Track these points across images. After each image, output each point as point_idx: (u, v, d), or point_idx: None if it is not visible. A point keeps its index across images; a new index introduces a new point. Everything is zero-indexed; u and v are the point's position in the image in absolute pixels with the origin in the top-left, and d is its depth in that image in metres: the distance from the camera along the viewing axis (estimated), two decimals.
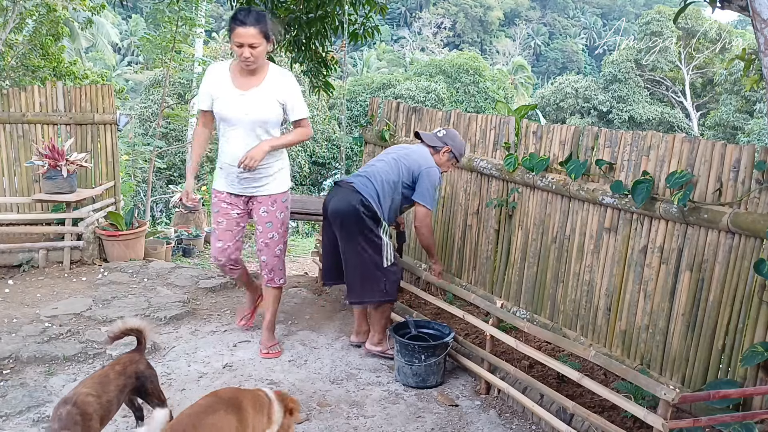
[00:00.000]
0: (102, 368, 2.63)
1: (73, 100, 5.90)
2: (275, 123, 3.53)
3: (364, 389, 3.48)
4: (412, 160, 3.78)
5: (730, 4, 2.72)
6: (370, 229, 3.60)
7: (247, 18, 3.28)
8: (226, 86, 3.48)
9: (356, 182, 3.67)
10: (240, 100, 3.45)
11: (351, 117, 22.00)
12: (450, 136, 3.91)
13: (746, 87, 3.78)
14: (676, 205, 2.91)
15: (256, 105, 3.45)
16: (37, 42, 8.37)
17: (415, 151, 3.87)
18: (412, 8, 59.19)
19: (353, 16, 5.54)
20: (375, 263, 3.64)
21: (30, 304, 4.53)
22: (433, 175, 3.74)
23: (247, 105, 3.45)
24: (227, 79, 3.49)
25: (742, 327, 2.76)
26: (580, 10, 65.10)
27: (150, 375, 2.72)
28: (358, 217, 3.57)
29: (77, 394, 2.36)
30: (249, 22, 3.27)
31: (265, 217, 3.69)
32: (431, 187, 3.73)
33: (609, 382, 3.18)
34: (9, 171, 5.91)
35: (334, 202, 3.68)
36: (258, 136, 3.51)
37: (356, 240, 3.62)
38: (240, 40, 3.28)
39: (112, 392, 2.49)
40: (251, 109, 3.45)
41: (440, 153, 3.87)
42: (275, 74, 3.52)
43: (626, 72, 29.25)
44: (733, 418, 2.45)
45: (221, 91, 3.48)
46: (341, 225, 3.64)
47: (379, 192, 3.66)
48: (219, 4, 28.13)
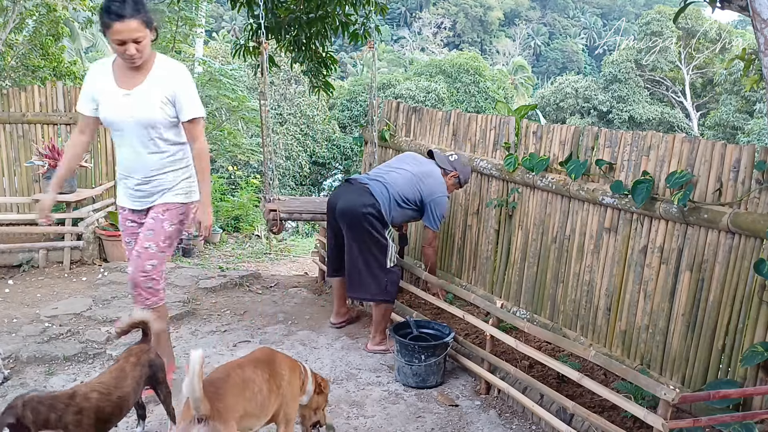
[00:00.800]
0: (116, 362, 2.67)
1: (73, 100, 5.90)
2: (168, 124, 3.02)
3: (364, 389, 3.48)
4: (429, 185, 3.93)
5: (730, 4, 2.72)
6: (378, 231, 3.74)
7: (124, 9, 2.76)
8: (110, 86, 2.99)
9: (372, 186, 3.81)
10: (124, 102, 2.96)
11: (351, 117, 21.98)
12: (460, 163, 4.09)
13: (746, 87, 3.77)
14: (676, 205, 2.91)
15: (141, 105, 2.96)
16: (37, 42, 8.36)
17: (431, 174, 3.99)
18: (412, 8, 59.20)
19: (353, 16, 5.54)
20: (379, 263, 3.77)
21: (30, 304, 4.53)
22: (443, 204, 3.97)
23: (132, 106, 2.96)
24: (110, 79, 2.99)
25: (742, 327, 2.76)
26: (580, 10, 65.11)
27: (161, 364, 2.80)
28: (369, 219, 3.71)
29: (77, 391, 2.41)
30: (127, 13, 2.76)
31: (150, 224, 3.10)
32: (441, 214, 3.98)
33: (609, 382, 3.18)
34: (9, 171, 5.91)
35: (345, 200, 3.79)
36: (151, 141, 3.02)
37: (363, 239, 3.75)
38: (121, 36, 2.78)
39: (128, 386, 2.54)
40: (136, 110, 2.96)
41: (448, 176, 4.05)
42: (162, 66, 3.00)
43: (626, 72, 29.24)
44: (733, 418, 2.45)
45: (104, 93, 2.99)
46: (350, 223, 3.76)
47: (393, 201, 3.82)
48: (219, 4, 28.13)
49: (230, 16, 39.49)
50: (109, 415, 2.44)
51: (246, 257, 8.03)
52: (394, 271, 3.84)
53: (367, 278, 3.78)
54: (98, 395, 2.41)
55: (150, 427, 2.94)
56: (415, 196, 3.89)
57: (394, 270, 3.85)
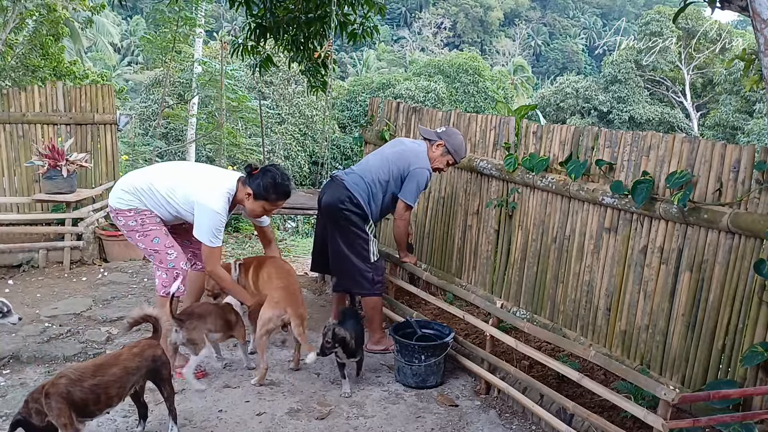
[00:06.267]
0: (120, 348, 2.73)
1: (73, 100, 5.91)
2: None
3: (364, 389, 3.48)
4: (403, 159, 3.87)
5: (730, 4, 2.72)
6: (357, 225, 3.79)
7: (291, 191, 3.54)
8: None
9: (348, 180, 3.84)
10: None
11: (351, 117, 21.98)
12: (447, 133, 3.98)
13: (746, 87, 3.78)
14: (676, 205, 2.91)
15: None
16: (37, 42, 8.37)
17: (410, 149, 3.96)
18: (412, 8, 59.19)
19: (352, 16, 5.54)
20: (363, 257, 3.82)
21: (30, 304, 4.53)
22: (420, 175, 3.85)
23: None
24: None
25: (742, 327, 2.75)
26: (580, 10, 65.08)
27: (166, 361, 2.84)
28: (346, 214, 3.76)
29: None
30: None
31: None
32: (416, 186, 3.86)
33: (609, 382, 3.18)
34: (9, 171, 5.91)
35: (326, 196, 3.86)
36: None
37: (346, 234, 3.81)
38: (274, 209, 3.59)
39: (112, 374, 2.58)
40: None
41: (434, 146, 3.95)
42: None
43: (626, 72, 29.24)
44: (733, 418, 2.45)
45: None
46: (332, 219, 3.83)
47: (370, 190, 3.81)
48: (219, 4, 28.11)
49: (231, 15, 39.51)
50: (82, 400, 2.47)
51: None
52: (378, 265, 3.90)
53: (353, 273, 3.83)
54: (66, 381, 2.46)
55: (150, 427, 2.93)
56: (390, 175, 3.85)
57: (379, 264, 3.91)
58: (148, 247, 3.46)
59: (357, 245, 3.80)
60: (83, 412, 2.50)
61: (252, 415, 3.14)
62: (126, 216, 3.43)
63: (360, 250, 3.80)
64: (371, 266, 3.84)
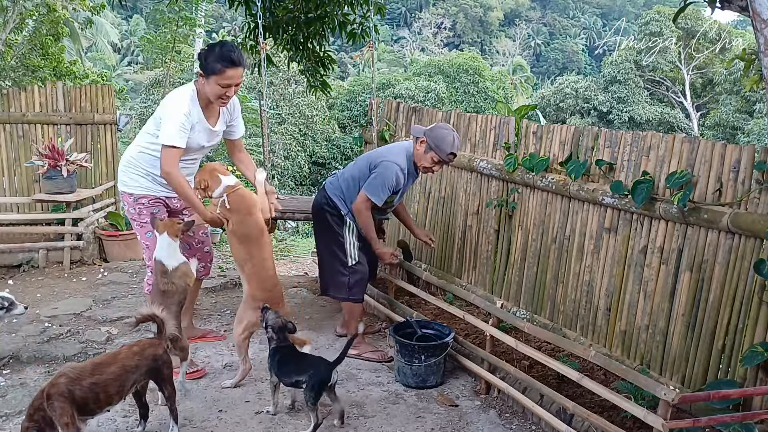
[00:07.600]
0: (120, 347, 2.74)
1: (73, 100, 5.91)
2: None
3: (364, 389, 3.48)
4: (377, 153, 3.79)
5: (730, 4, 2.72)
6: (332, 228, 3.76)
7: (240, 58, 3.16)
8: (202, 122, 3.36)
9: (327, 181, 3.87)
10: (212, 135, 3.46)
11: (351, 117, 21.98)
12: (432, 128, 3.67)
13: (746, 87, 3.78)
14: (676, 205, 2.91)
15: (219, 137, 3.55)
16: (37, 42, 8.37)
17: (390, 145, 3.97)
18: (412, 8, 59.17)
19: (351, 16, 5.54)
20: (341, 261, 3.78)
21: (30, 304, 4.52)
22: (386, 168, 3.60)
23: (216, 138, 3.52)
24: (201, 115, 3.35)
25: (742, 327, 2.75)
26: (580, 11, 65.08)
27: (168, 361, 2.83)
28: (324, 215, 3.76)
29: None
30: (240, 62, 3.16)
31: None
32: (381, 180, 3.60)
33: (609, 383, 3.18)
34: (9, 171, 5.91)
35: (313, 200, 3.94)
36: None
37: (324, 236, 3.82)
38: (230, 81, 3.17)
39: (110, 373, 2.59)
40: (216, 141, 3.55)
41: (418, 143, 3.68)
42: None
43: (626, 72, 29.24)
44: (733, 419, 2.45)
45: (197, 128, 3.35)
46: (314, 221, 3.89)
47: (344, 189, 3.75)
48: (219, 4, 28.10)
49: (231, 15, 39.50)
50: (82, 399, 2.48)
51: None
52: (357, 269, 3.77)
53: (332, 277, 3.81)
54: (66, 380, 2.47)
55: (150, 427, 2.93)
56: (360, 171, 3.70)
57: (357, 268, 3.77)
58: (143, 240, 3.50)
59: (334, 248, 3.77)
60: (83, 411, 2.50)
61: (252, 415, 3.14)
62: (127, 201, 3.49)
63: (337, 252, 3.76)
64: (348, 270, 3.75)
